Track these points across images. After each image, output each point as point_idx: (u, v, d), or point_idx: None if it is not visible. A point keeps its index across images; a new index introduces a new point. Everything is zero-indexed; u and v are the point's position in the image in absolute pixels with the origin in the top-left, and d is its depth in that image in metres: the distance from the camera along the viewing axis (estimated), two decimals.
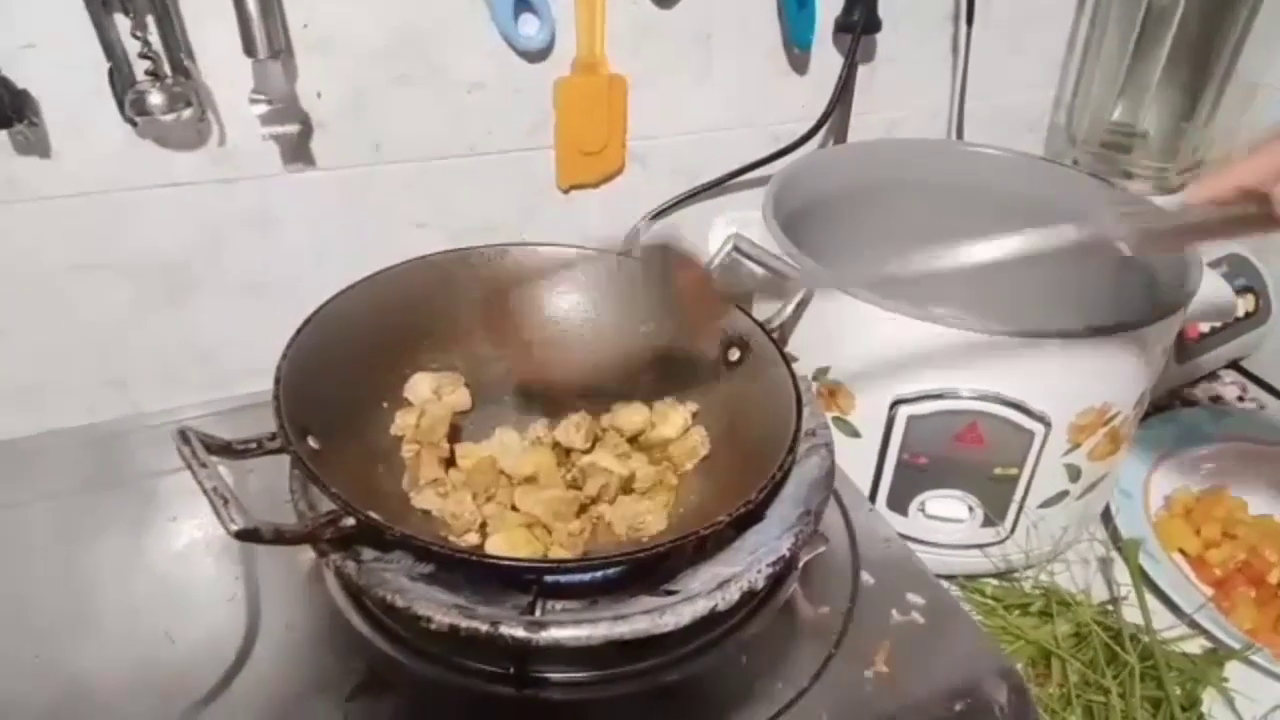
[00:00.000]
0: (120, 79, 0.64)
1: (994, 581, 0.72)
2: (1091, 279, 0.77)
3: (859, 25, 0.82)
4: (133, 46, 0.62)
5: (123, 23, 0.62)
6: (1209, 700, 0.64)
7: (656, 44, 0.79)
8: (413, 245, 0.65)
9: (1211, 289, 0.70)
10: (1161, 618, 0.69)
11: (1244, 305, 0.91)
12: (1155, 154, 0.89)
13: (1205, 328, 0.90)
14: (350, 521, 0.47)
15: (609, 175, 0.83)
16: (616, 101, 0.79)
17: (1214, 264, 0.89)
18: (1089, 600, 0.69)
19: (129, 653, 0.52)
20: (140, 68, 0.63)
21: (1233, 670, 0.66)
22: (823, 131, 0.87)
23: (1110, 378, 0.64)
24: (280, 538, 0.44)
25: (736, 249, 0.68)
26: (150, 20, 0.62)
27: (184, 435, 0.46)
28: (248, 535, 0.43)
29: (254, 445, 0.50)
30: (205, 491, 0.44)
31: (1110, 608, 0.69)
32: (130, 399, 0.76)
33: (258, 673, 0.51)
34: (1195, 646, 0.68)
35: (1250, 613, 0.70)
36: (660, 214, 0.86)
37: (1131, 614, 0.68)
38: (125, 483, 0.64)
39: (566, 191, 0.83)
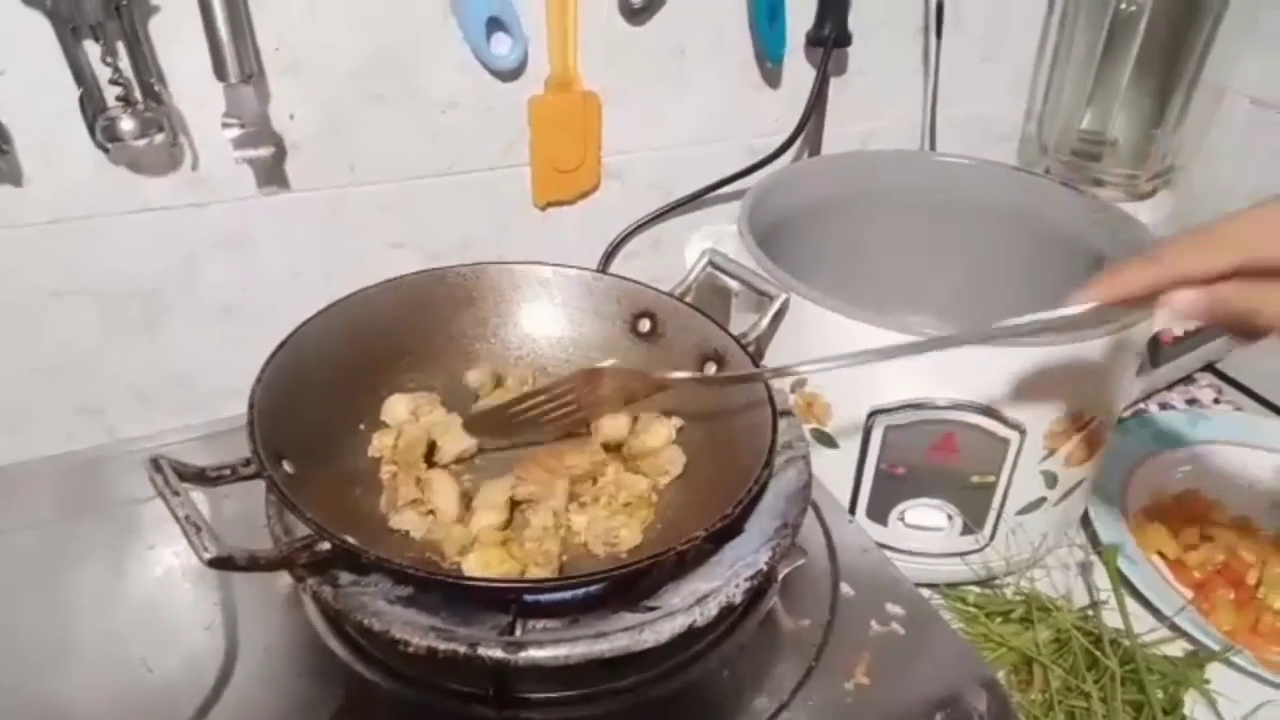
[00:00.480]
0: (91, 105, 0.64)
1: (975, 589, 0.72)
2: (1064, 286, 0.78)
3: (830, 39, 0.83)
4: (103, 72, 0.62)
5: (92, 49, 0.62)
6: (1191, 702, 0.64)
7: (630, 60, 0.79)
8: (389, 266, 0.65)
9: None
10: (1142, 621, 0.70)
11: None
12: (1125, 161, 0.90)
13: (1180, 331, 0.91)
14: (326, 546, 0.46)
15: (585, 192, 0.84)
16: (591, 118, 0.80)
17: None
18: (1070, 605, 0.70)
19: (107, 681, 0.52)
20: (111, 94, 0.63)
21: (1214, 672, 0.66)
22: (797, 144, 0.87)
23: (1084, 384, 0.64)
24: (255, 564, 0.44)
25: (712, 264, 0.69)
26: (120, 46, 0.62)
27: (156, 464, 0.46)
28: (221, 563, 0.43)
29: (228, 472, 0.50)
30: (178, 520, 0.44)
31: (1090, 613, 0.69)
32: (107, 425, 0.75)
33: (236, 699, 0.51)
34: (1176, 649, 0.68)
35: (1230, 614, 0.71)
36: (637, 229, 0.87)
37: (1112, 618, 0.68)
38: (103, 510, 0.63)
39: (543, 209, 0.83)
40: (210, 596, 0.56)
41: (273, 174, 0.72)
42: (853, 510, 0.69)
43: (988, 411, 0.63)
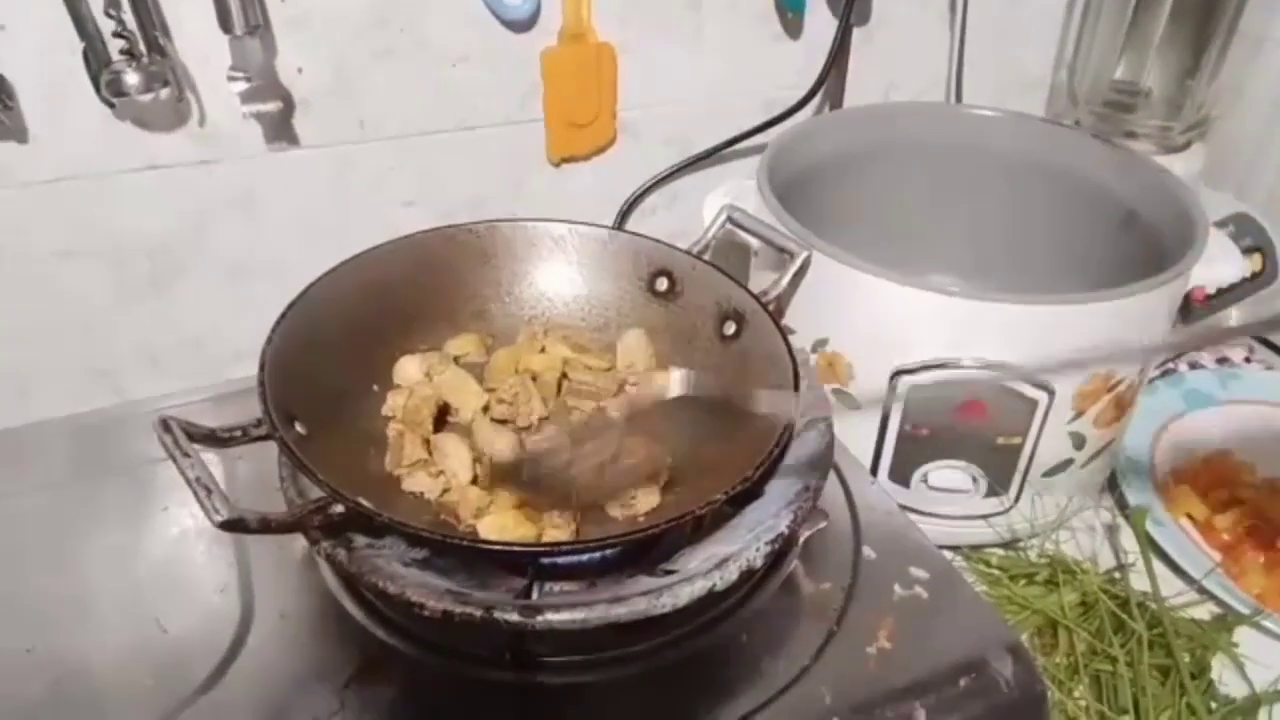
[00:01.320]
0: (95, 59, 0.62)
1: (999, 551, 0.71)
2: (1095, 242, 0.76)
3: None
4: (107, 25, 0.61)
5: (95, 1, 0.60)
6: (1219, 666, 0.63)
7: (644, 11, 0.77)
8: (401, 223, 0.63)
9: (1218, 249, 0.69)
10: (1169, 584, 0.68)
11: (1250, 265, 0.89)
12: (1159, 113, 0.87)
13: (1212, 289, 0.89)
14: (339, 508, 0.46)
15: (600, 147, 0.82)
16: (605, 71, 0.78)
17: (1220, 223, 0.87)
18: (1095, 568, 0.69)
19: (122, 643, 0.52)
20: (115, 47, 0.62)
21: (1242, 635, 0.65)
22: (818, 97, 0.85)
23: (1114, 344, 0.62)
24: (267, 527, 0.44)
25: (730, 220, 0.67)
26: None
27: (165, 424, 0.45)
28: (233, 525, 0.42)
29: (239, 433, 0.49)
30: (188, 481, 0.43)
31: (1117, 575, 0.68)
32: (118, 386, 0.75)
33: (252, 661, 0.50)
34: (1204, 612, 0.67)
35: (1259, 577, 0.69)
36: (654, 186, 0.85)
37: (1139, 581, 0.67)
38: (116, 472, 0.62)
39: (557, 165, 0.81)
40: (225, 558, 0.56)
41: (281, 130, 0.70)
42: (874, 472, 0.68)
43: (1015, 372, 0.61)
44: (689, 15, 0.79)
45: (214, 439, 0.48)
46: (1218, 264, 0.68)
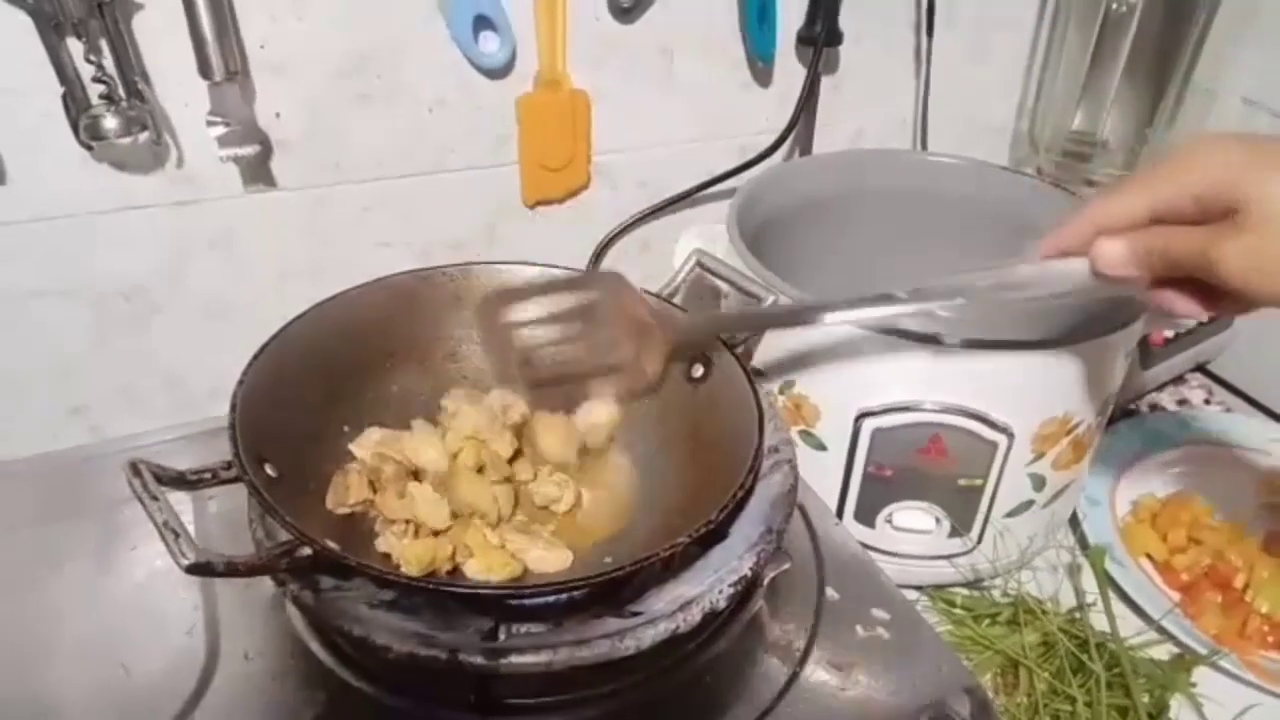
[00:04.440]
0: (74, 103, 0.63)
1: (963, 591, 0.72)
2: None
3: (820, 37, 0.82)
4: (86, 70, 0.62)
5: (75, 47, 0.61)
6: (1177, 706, 0.64)
7: (619, 59, 0.79)
8: (378, 265, 0.64)
9: None
10: (1129, 624, 0.69)
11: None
12: (1117, 162, 0.90)
13: (1170, 333, 0.91)
14: (307, 551, 0.46)
15: (574, 191, 0.83)
16: (580, 117, 0.79)
17: None
18: (1057, 607, 0.70)
19: (87, 685, 0.52)
20: (95, 91, 0.63)
21: (1200, 676, 0.66)
22: (788, 143, 0.87)
23: (1072, 387, 0.64)
24: (234, 570, 0.44)
25: (700, 265, 0.68)
26: (103, 43, 0.62)
27: (134, 467, 0.46)
28: (199, 569, 0.42)
29: (209, 475, 0.49)
30: (156, 525, 0.43)
31: (1078, 615, 0.69)
32: (93, 424, 0.75)
33: (218, 703, 0.50)
34: (1163, 652, 0.68)
35: (1217, 618, 0.70)
36: (627, 229, 0.86)
37: (1099, 620, 0.68)
38: (86, 512, 0.63)
39: (532, 208, 0.82)
40: (192, 599, 0.56)
41: (259, 172, 0.71)
42: (840, 513, 0.69)
43: (975, 415, 0.63)
44: (662, 63, 0.81)
45: (184, 482, 0.49)
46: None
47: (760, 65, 0.85)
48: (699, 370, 0.62)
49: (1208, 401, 0.97)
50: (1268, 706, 0.65)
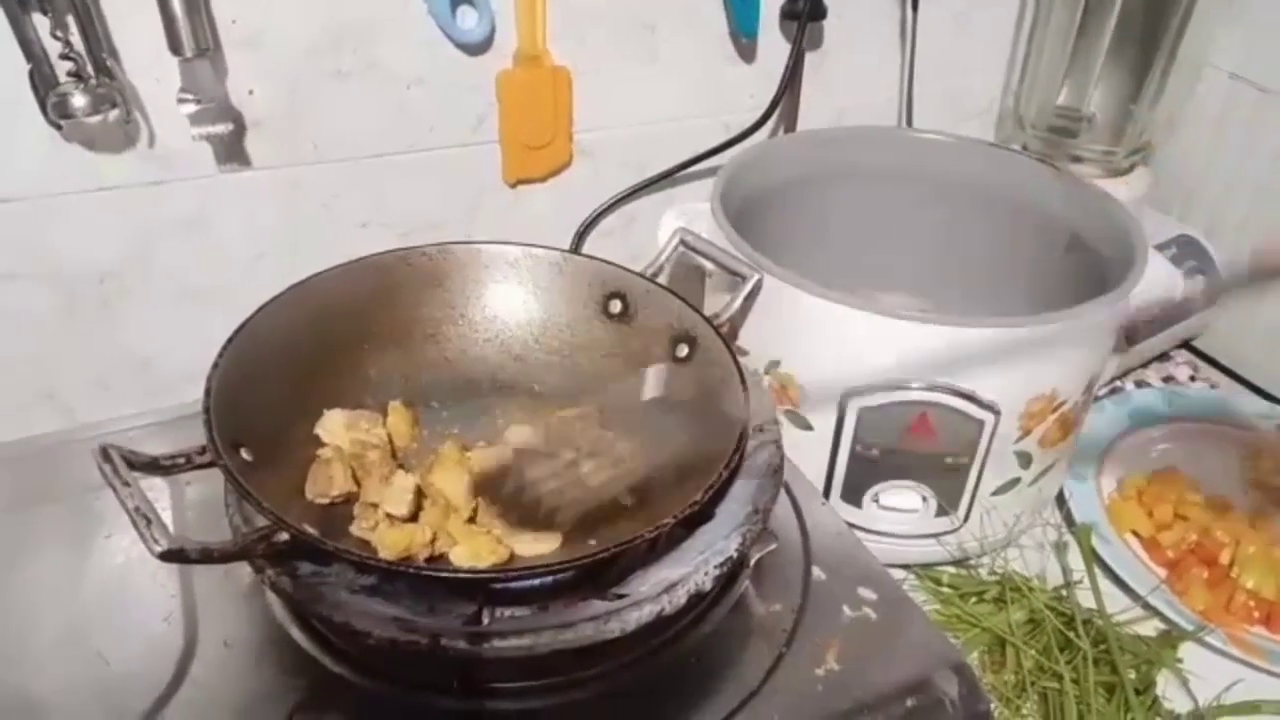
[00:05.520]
0: (41, 81, 0.61)
1: (950, 569, 0.72)
2: (1039, 264, 0.77)
3: (804, 12, 0.81)
4: (53, 47, 0.60)
5: (42, 22, 0.60)
6: (1163, 682, 0.64)
7: (600, 34, 0.78)
8: (356, 245, 0.63)
9: (1159, 273, 0.70)
10: (1116, 600, 0.69)
11: (1193, 286, 0.91)
12: (1102, 137, 0.89)
13: (1156, 310, 0.91)
14: (284, 536, 0.45)
15: (556, 169, 0.82)
16: (561, 94, 0.78)
17: (1162, 246, 0.89)
18: (1044, 585, 0.69)
19: (63, 674, 0.50)
20: (62, 69, 0.61)
21: (1187, 651, 0.66)
22: (772, 120, 0.86)
23: (1058, 365, 0.64)
24: (209, 557, 0.43)
25: (683, 243, 0.67)
26: (70, 20, 0.60)
27: (105, 452, 0.45)
28: (173, 556, 0.41)
29: (183, 460, 0.48)
30: (128, 511, 0.42)
31: (1064, 592, 0.69)
32: (66, 409, 0.74)
33: (196, 692, 0.49)
34: (1149, 629, 0.68)
35: (1203, 594, 0.71)
36: (610, 208, 0.85)
37: (1086, 597, 0.68)
38: (60, 499, 0.61)
39: (514, 186, 0.81)
40: (169, 586, 0.55)
41: (232, 151, 0.70)
42: (827, 492, 0.68)
43: (962, 393, 0.62)
44: (645, 39, 0.80)
45: (156, 467, 0.47)
46: (1158, 286, 0.69)
47: (744, 41, 0.83)
48: (683, 350, 0.61)
49: (1193, 378, 0.97)
50: (1253, 681, 0.65)
